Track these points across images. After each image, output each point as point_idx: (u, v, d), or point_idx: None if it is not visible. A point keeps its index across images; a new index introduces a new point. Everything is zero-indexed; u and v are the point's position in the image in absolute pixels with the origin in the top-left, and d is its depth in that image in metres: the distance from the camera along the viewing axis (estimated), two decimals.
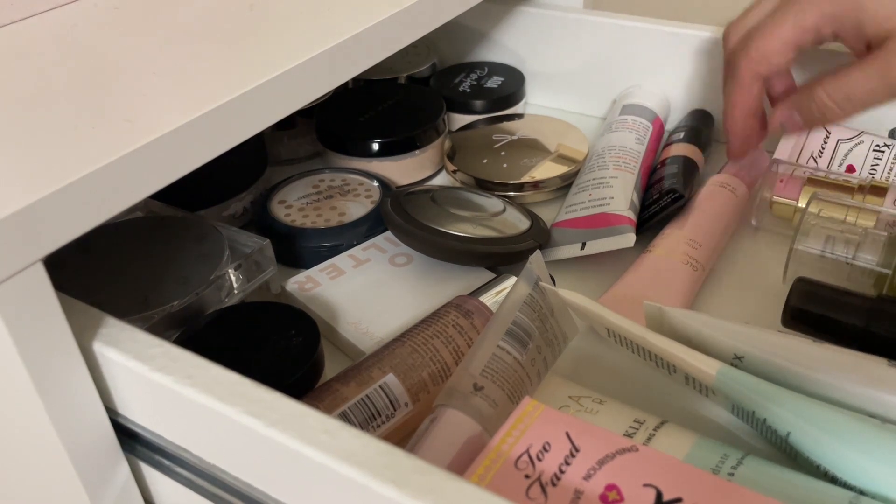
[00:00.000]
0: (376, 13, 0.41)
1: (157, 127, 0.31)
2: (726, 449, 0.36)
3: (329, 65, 0.38)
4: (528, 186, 0.58)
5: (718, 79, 0.55)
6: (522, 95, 0.69)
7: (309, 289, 0.50)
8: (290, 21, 0.42)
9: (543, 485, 0.29)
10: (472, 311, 0.43)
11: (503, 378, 0.37)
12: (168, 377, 0.29)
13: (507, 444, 0.31)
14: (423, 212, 0.52)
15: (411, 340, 0.41)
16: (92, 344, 0.31)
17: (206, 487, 0.31)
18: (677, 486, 0.28)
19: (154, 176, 0.31)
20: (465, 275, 0.50)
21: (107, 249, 0.47)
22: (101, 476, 0.32)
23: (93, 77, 0.36)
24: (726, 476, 0.34)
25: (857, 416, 0.36)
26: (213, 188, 0.55)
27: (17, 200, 0.27)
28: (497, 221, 0.53)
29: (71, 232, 0.28)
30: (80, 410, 0.31)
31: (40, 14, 0.43)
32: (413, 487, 0.24)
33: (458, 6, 0.49)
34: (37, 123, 0.33)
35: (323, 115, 0.63)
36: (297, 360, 0.40)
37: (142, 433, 0.32)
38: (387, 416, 0.39)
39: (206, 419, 0.29)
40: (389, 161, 0.60)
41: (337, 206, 0.56)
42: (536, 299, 0.40)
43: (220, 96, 0.33)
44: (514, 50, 0.72)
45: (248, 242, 0.49)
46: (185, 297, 0.44)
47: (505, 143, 0.62)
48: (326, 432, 0.26)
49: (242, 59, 0.37)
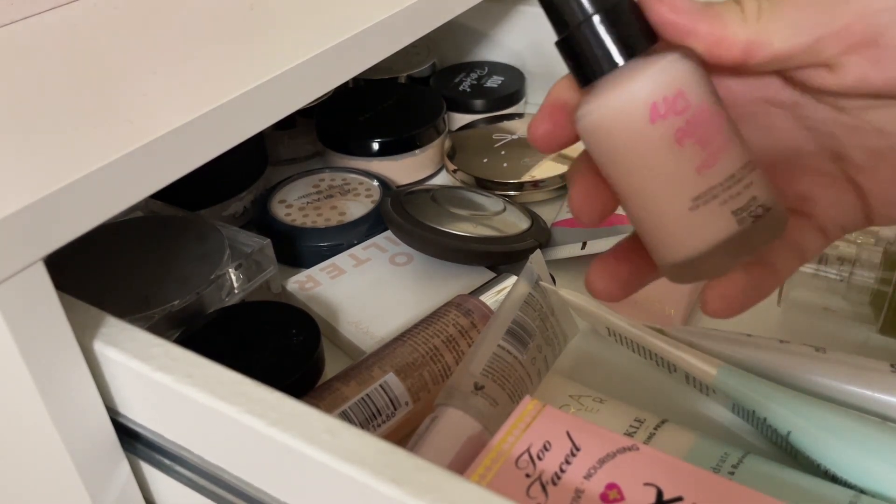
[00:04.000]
0: (376, 13, 0.41)
1: (157, 127, 0.31)
2: (727, 448, 0.36)
3: (329, 65, 0.38)
4: (528, 186, 0.58)
5: None
6: (522, 95, 0.69)
7: (309, 288, 0.50)
8: (290, 21, 0.41)
9: (544, 484, 0.29)
10: (472, 311, 0.43)
11: (504, 377, 0.37)
12: (169, 377, 0.29)
13: (508, 444, 0.31)
14: (423, 211, 0.52)
15: (412, 340, 0.41)
16: (93, 343, 0.31)
17: (206, 487, 0.31)
18: (678, 485, 0.28)
19: (154, 176, 0.31)
20: (465, 274, 0.50)
21: (107, 249, 0.47)
22: (102, 475, 0.32)
23: (93, 77, 0.36)
24: (727, 475, 0.34)
25: (858, 416, 0.36)
26: (213, 188, 0.55)
27: (18, 200, 0.27)
28: (497, 221, 0.53)
29: (71, 232, 0.28)
30: (80, 410, 0.31)
31: (40, 14, 0.43)
32: (414, 486, 0.24)
33: (458, 6, 0.49)
34: (37, 123, 0.33)
35: (323, 115, 0.63)
36: (297, 359, 0.40)
37: (142, 433, 0.32)
38: (387, 415, 0.39)
39: (206, 419, 0.29)
40: (389, 160, 0.60)
41: (337, 205, 0.56)
42: (537, 298, 0.40)
43: (220, 96, 0.33)
44: (514, 50, 0.72)
45: (249, 242, 0.49)
46: (185, 297, 0.44)
47: (505, 143, 0.62)
48: (327, 432, 0.26)
49: (242, 59, 0.37)
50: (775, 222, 0.27)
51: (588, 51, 0.27)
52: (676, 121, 0.26)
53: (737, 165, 0.27)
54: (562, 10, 0.27)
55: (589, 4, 0.27)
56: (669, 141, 0.26)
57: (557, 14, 0.28)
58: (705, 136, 0.26)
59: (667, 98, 0.26)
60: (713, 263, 0.27)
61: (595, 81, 0.27)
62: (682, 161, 0.26)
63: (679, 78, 0.26)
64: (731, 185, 0.26)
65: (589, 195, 0.30)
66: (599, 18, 0.26)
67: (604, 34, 0.27)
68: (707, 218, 0.27)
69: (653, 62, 0.26)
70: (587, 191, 0.30)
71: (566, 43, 0.27)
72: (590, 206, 0.30)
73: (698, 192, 0.26)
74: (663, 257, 0.28)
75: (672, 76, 0.26)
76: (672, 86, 0.26)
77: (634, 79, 0.26)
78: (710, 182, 0.26)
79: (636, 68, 0.26)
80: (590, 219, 0.30)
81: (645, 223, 0.28)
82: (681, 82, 0.26)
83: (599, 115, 0.27)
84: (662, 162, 0.27)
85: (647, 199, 0.27)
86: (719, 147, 0.26)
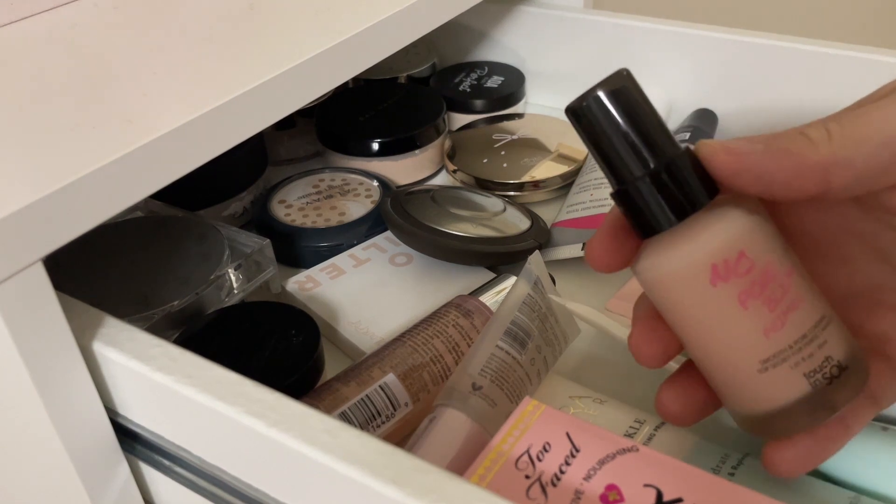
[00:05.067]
0: (376, 13, 0.41)
1: (157, 127, 0.31)
2: (727, 449, 0.36)
3: (329, 65, 0.38)
4: (528, 186, 0.58)
5: (719, 78, 0.55)
6: (522, 95, 0.69)
7: (309, 288, 0.50)
8: (290, 21, 0.41)
9: (544, 485, 0.29)
10: (472, 311, 0.43)
11: (502, 378, 0.37)
12: (168, 377, 0.29)
13: (508, 444, 0.31)
14: (423, 211, 0.52)
15: (411, 340, 0.41)
16: (92, 344, 0.31)
17: (206, 487, 0.31)
18: (678, 487, 0.28)
19: (154, 176, 0.31)
20: (465, 274, 0.50)
21: (107, 249, 0.47)
22: (101, 476, 0.32)
23: (93, 77, 0.36)
24: (727, 476, 0.34)
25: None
26: (213, 188, 0.55)
27: (18, 200, 0.27)
28: (497, 221, 0.53)
29: (71, 232, 0.28)
30: (80, 410, 0.31)
31: (40, 14, 0.43)
32: (414, 487, 0.24)
33: (458, 6, 0.49)
34: (37, 123, 0.32)
35: (323, 115, 0.63)
36: (297, 359, 0.40)
37: (142, 433, 0.32)
38: (387, 415, 0.39)
39: (206, 419, 0.29)
40: (389, 161, 0.60)
41: (337, 205, 0.56)
42: (536, 299, 0.40)
43: (220, 96, 0.33)
44: (514, 50, 0.72)
45: (248, 242, 0.49)
46: (185, 297, 0.44)
47: (505, 143, 0.62)
48: (327, 432, 0.26)
49: (242, 59, 0.37)
50: (854, 379, 0.26)
51: (645, 207, 0.25)
52: (739, 283, 0.25)
53: (808, 324, 0.25)
54: (618, 163, 0.26)
55: (649, 158, 0.25)
56: (733, 304, 0.25)
57: (613, 167, 0.26)
58: (772, 296, 0.25)
59: (728, 260, 0.25)
60: (787, 421, 0.26)
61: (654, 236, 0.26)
62: (748, 324, 0.25)
63: (740, 237, 0.25)
64: (803, 347, 0.25)
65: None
66: (657, 174, 0.25)
67: (661, 191, 0.25)
68: (777, 381, 0.25)
69: (714, 220, 0.25)
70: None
71: (623, 196, 0.26)
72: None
73: (767, 355, 0.25)
74: (733, 409, 0.27)
75: (733, 236, 0.25)
76: (734, 247, 0.25)
77: (693, 239, 0.25)
78: (779, 345, 0.25)
79: (696, 226, 0.25)
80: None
81: (713, 378, 0.27)
82: (742, 242, 0.25)
83: (659, 273, 0.26)
84: (726, 324, 0.25)
85: (712, 357, 0.26)
86: (789, 306, 0.25)
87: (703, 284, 0.25)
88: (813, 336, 0.25)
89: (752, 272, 0.25)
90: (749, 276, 0.25)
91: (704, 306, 0.25)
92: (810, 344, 0.25)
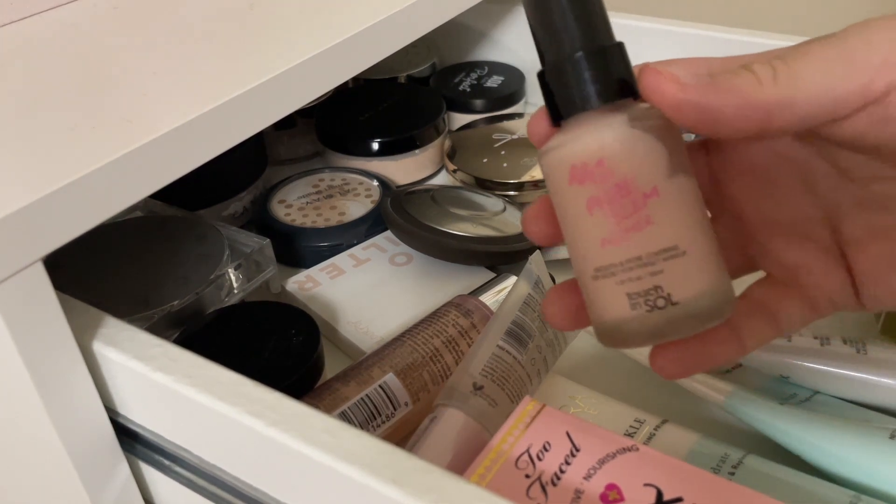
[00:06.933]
0: (376, 13, 0.41)
1: (157, 127, 0.31)
2: (727, 448, 0.36)
3: (329, 65, 0.38)
4: (528, 186, 0.58)
5: None
6: (522, 95, 0.69)
7: (309, 288, 0.50)
8: (290, 21, 0.41)
9: (544, 484, 0.29)
10: (472, 311, 0.43)
11: (503, 377, 0.37)
12: (168, 377, 0.29)
13: (508, 444, 0.31)
14: (423, 211, 0.52)
15: (411, 340, 0.41)
16: (92, 344, 0.31)
17: (206, 487, 0.31)
18: (678, 486, 0.28)
19: (154, 176, 0.31)
20: (465, 274, 0.50)
21: (107, 249, 0.47)
22: (101, 476, 0.32)
23: (93, 77, 0.36)
24: (727, 475, 0.34)
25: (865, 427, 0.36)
26: (213, 188, 0.55)
27: (17, 200, 0.27)
28: (497, 221, 0.53)
29: (71, 232, 0.28)
30: (80, 410, 0.31)
31: (40, 14, 0.43)
32: (414, 487, 0.24)
33: (458, 6, 0.49)
34: (37, 123, 0.32)
35: (323, 115, 0.63)
36: (297, 359, 0.40)
37: (142, 433, 0.32)
38: (387, 415, 0.39)
39: (206, 419, 0.29)
40: (389, 160, 0.60)
41: (337, 205, 0.56)
42: (536, 299, 0.40)
43: (220, 96, 0.33)
44: (514, 49, 0.72)
45: (248, 242, 0.49)
46: (185, 297, 0.44)
47: (505, 143, 0.62)
48: (327, 432, 0.26)
49: (242, 59, 0.37)
50: (686, 318, 0.25)
51: (549, 96, 0.26)
52: (592, 188, 0.25)
53: (649, 249, 0.25)
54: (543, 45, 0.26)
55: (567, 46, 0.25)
56: (581, 207, 0.25)
57: (539, 48, 0.26)
58: (620, 210, 0.25)
59: (587, 164, 0.25)
60: (623, 335, 0.26)
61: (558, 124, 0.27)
62: (591, 229, 0.26)
63: (604, 147, 0.25)
64: (634, 268, 0.25)
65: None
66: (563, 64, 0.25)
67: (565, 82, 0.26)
68: (604, 292, 0.26)
69: (591, 123, 0.25)
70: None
71: (539, 78, 0.27)
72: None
73: (599, 264, 0.26)
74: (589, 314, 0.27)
75: (596, 143, 0.25)
76: (594, 154, 0.25)
77: (568, 137, 0.25)
78: (611, 258, 0.25)
79: (577, 125, 0.25)
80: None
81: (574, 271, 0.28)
82: (604, 152, 0.25)
83: (542, 160, 0.26)
84: (573, 225, 0.26)
85: (570, 255, 0.27)
86: (634, 225, 0.25)
87: (563, 182, 0.26)
88: (649, 262, 0.25)
89: (605, 182, 0.25)
90: (602, 185, 0.25)
91: (561, 204, 0.26)
92: (642, 268, 0.25)
